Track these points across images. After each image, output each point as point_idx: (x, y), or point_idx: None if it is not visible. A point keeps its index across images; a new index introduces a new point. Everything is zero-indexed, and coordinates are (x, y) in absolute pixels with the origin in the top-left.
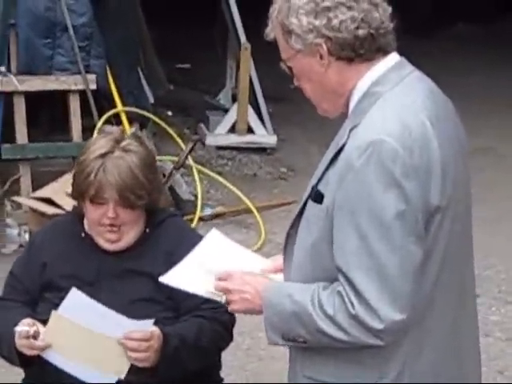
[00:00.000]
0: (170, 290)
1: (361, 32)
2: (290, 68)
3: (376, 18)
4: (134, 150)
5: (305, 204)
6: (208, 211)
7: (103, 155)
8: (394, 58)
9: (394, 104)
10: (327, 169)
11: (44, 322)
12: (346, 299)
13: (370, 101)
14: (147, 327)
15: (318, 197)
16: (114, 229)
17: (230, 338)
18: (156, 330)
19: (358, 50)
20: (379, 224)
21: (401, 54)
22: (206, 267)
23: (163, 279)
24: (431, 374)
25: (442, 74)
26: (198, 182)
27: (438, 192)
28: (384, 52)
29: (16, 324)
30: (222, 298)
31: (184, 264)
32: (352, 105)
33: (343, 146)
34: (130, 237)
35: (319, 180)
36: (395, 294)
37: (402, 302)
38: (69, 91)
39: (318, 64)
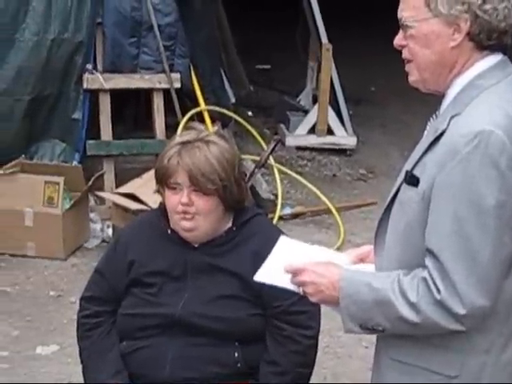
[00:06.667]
0: (258, 289)
1: (502, 25)
2: (404, 27)
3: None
4: (215, 141)
5: (398, 189)
6: (287, 210)
7: (183, 143)
8: (498, 55)
9: (498, 98)
10: (424, 154)
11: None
12: (432, 285)
13: (472, 92)
14: None
15: (413, 180)
16: (187, 216)
17: (316, 343)
18: None
19: (491, 39)
20: (478, 211)
21: None
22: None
23: (257, 277)
24: None
25: None
26: (278, 182)
27: None
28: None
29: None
30: (300, 291)
31: (270, 262)
32: (452, 93)
33: (443, 132)
34: (205, 228)
35: (415, 165)
36: (482, 280)
37: (488, 288)
38: (153, 89)
39: (447, 36)
